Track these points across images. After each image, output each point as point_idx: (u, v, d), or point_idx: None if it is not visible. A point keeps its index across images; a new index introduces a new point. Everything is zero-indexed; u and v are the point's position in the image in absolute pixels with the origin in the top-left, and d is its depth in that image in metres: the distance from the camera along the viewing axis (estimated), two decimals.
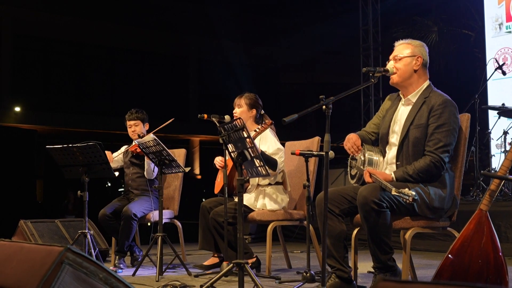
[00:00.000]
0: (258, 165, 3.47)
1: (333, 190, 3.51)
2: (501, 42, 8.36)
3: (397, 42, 3.66)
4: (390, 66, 3.56)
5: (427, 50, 3.62)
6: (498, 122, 7.16)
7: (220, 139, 3.67)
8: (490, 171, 6.92)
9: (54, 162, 4.73)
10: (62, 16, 16.04)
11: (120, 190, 14.92)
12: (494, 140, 7.49)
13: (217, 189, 4.71)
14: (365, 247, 4.77)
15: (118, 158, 5.41)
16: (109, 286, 1.92)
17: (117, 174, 5.72)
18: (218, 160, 4.67)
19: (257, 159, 3.44)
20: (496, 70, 7.24)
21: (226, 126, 3.50)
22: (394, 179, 3.36)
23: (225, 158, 4.34)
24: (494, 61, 7.39)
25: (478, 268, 2.74)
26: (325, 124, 3.09)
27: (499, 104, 6.85)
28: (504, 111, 6.79)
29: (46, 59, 16.59)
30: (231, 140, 3.50)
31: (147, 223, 5.34)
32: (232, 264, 3.43)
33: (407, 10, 11.70)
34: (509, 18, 8.33)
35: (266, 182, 4.57)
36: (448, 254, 2.84)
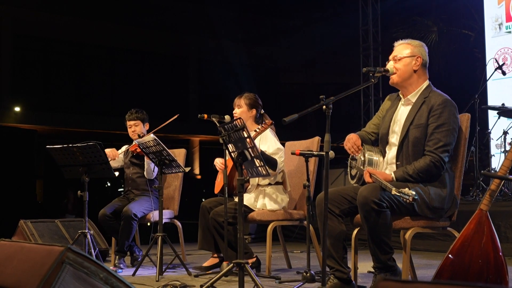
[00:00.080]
0: (258, 165, 3.47)
1: (333, 190, 3.51)
2: (501, 42, 8.37)
3: (396, 42, 3.66)
4: (390, 66, 3.56)
5: (427, 50, 3.62)
6: (498, 122, 7.16)
7: (220, 139, 3.67)
8: (490, 171, 6.92)
9: (54, 162, 4.73)
10: (62, 16, 16.03)
11: (119, 190, 14.90)
12: (494, 140, 7.49)
13: (217, 189, 4.71)
14: (365, 247, 4.77)
15: (119, 158, 5.41)
16: (109, 286, 1.92)
17: (117, 174, 5.72)
18: (219, 162, 4.67)
19: (257, 159, 3.44)
20: (496, 70, 7.24)
21: (226, 126, 3.50)
22: (394, 179, 3.36)
23: (225, 158, 4.33)
24: (494, 61, 7.39)
25: (478, 268, 2.75)
26: (325, 124, 3.10)
27: (499, 104, 6.85)
28: (504, 111, 6.80)
29: (46, 59, 16.58)
30: (231, 140, 3.50)
31: (147, 223, 5.34)
32: (232, 264, 3.44)
33: (407, 10, 11.70)
34: (509, 18, 8.34)
35: (266, 182, 4.57)
36: (448, 254, 2.84)
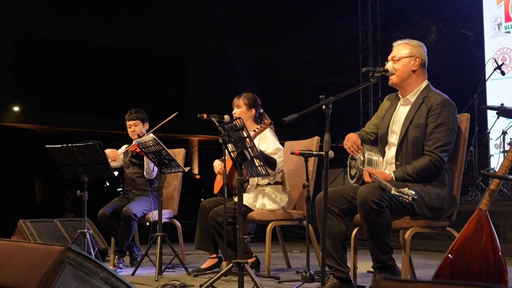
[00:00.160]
0: (257, 164, 3.47)
1: (332, 190, 3.51)
2: (500, 42, 8.37)
3: (395, 43, 3.66)
4: (389, 66, 3.56)
5: (426, 50, 3.61)
6: (497, 122, 7.16)
7: (219, 139, 3.67)
8: (488, 171, 6.92)
9: (53, 162, 4.73)
10: (61, 16, 16.01)
11: (118, 190, 14.89)
12: (493, 140, 7.50)
13: (216, 189, 4.70)
14: (364, 247, 4.77)
15: (119, 158, 5.41)
16: (109, 286, 1.91)
17: (116, 173, 5.72)
18: (217, 167, 4.67)
19: (256, 159, 3.44)
20: (495, 70, 7.24)
21: (225, 126, 3.50)
22: (394, 179, 3.36)
23: (224, 158, 4.33)
24: (493, 61, 7.39)
25: (478, 267, 2.75)
26: (324, 124, 3.10)
27: (498, 104, 6.85)
28: (503, 111, 6.80)
29: (45, 59, 16.56)
30: (231, 139, 3.50)
31: (146, 223, 5.34)
32: (232, 263, 3.44)
33: (406, 10, 11.71)
34: (508, 18, 8.34)
35: (266, 182, 4.57)
36: (448, 254, 2.84)
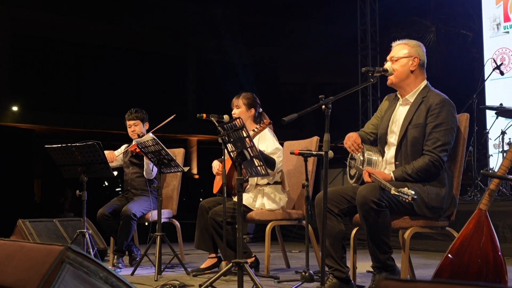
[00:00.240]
0: (257, 164, 3.47)
1: (332, 190, 3.51)
2: (499, 42, 8.38)
3: (394, 43, 3.66)
4: (388, 66, 3.56)
5: (424, 50, 3.62)
6: (496, 122, 7.17)
7: (219, 139, 3.67)
8: (488, 171, 6.93)
9: (52, 162, 4.72)
10: (60, 15, 15.99)
11: (117, 190, 14.88)
12: (492, 140, 7.50)
13: (215, 188, 4.70)
14: (363, 247, 4.78)
15: (118, 158, 5.41)
16: (109, 285, 1.91)
17: (115, 173, 5.71)
18: (216, 167, 4.67)
19: (256, 159, 3.44)
20: (494, 70, 7.25)
21: (225, 126, 3.50)
22: (393, 179, 3.36)
23: (223, 157, 4.33)
24: (492, 61, 7.40)
25: (477, 267, 2.75)
26: (323, 123, 3.10)
27: (497, 104, 6.86)
28: (502, 111, 6.81)
29: (45, 59, 16.53)
30: (230, 139, 3.50)
31: (144, 223, 5.34)
32: (231, 263, 3.44)
33: (405, 10, 11.70)
34: (507, 18, 8.35)
35: (265, 181, 4.57)
36: (447, 254, 2.84)
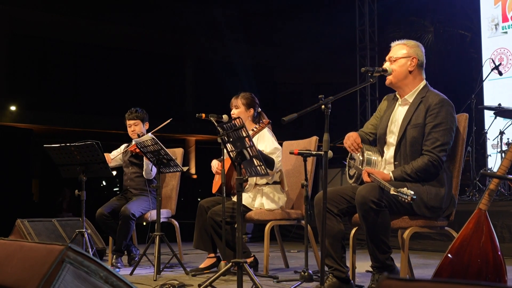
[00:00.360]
0: (257, 164, 3.47)
1: (331, 189, 3.51)
2: (497, 43, 8.40)
3: (393, 43, 3.66)
4: (387, 66, 3.56)
5: (423, 51, 3.62)
6: (494, 122, 7.18)
7: (218, 139, 3.67)
8: (486, 171, 6.94)
9: (50, 162, 4.71)
10: (59, 15, 15.97)
11: (115, 189, 14.86)
12: (490, 140, 7.51)
13: (215, 188, 4.70)
14: (363, 247, 4.77)
15: (117, 157, 5.40)
16: (110, 285, 1.91)
17: (114, 173, 5.71)
18: (215, 166, 4.66)
19: (255, 159, 3.44)
20: (492, 70, 7.26)
21: (225, 126, 3.50)
22: (392, 179, 3.36)
23: (223, 157, 4.33)
24: (491, 61, 7.41)
25: (477, 267, 2.75)
26: (321, 123, 3.10)
27: (496, 104, 6.87)
28: (500, 111, 6.82)
29: (43, 58, 16.51)
30: (230, 139, 3.50)
31: (143, 223, 5.33)
32: (231, 263, 3.43)
33: (404, 10, 11.71)
34: (505, 19, 8.36)
35: (264, 181, 4.57)
36: (447, 254, 2.84)
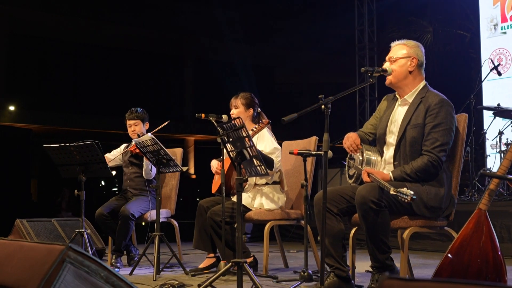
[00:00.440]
0: (256, 164, 3.46)
1: (331, 189, 3.51)
2: (496, 43, 8.40)
3: (393, 43, 3.66)
4: (387, 66, 3.57)
5: (423, 51, 3.62)
6: (493, 123, 7.18)
7: (218, 139, 3.66)
8: (485, 171, 6.94)
9: (49, 162, 4.70)
10: (58, 15, 15.96)
11: (114, 189, 14.84)
12: (489, 140, 7.52)
13: (214, 188, 4.70)
14: (362, 247, 4.78)
15: (117, 157, 5.40)
16: (110, 285, 1.91)
17: (114, 173, 5.70)
18: (215, 166, 4.66)
19: (255, 159, 3.44)
20: (491, 70, 7.26)
21: (225, 126, 3.50)
22: (392, 179, 3.36)
23: (222, 157, 4.33)
24: (490, 61, 7.42)
25: (477, 267, 2.75)
26: (320, 123, 3.10)
27: (495, 104, 6.87)
28: (499, 112, 6.82)
29: (42, 58, 16.49)
30: (230, 139, 3.50)
31: (142, 223, 5.32)
32: (231, 263, 3.43)
33: (403, 10, 11.71)
34: (504, 19, 8.37)
35: (263, 181, 4.56)
36: (447, 253, 2.85)
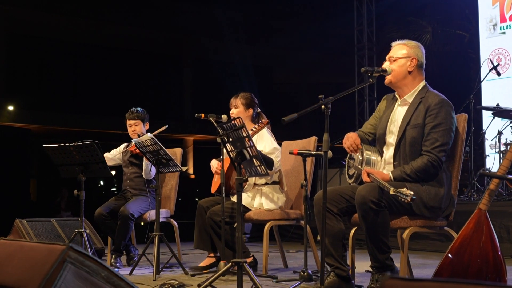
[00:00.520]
0: (256, 164, 3.46)
1: (331, 189, 3.51)
2: (495, 43, 8.41)
3: (394, 43, 3.67)
4: (386, 66, 3.57)
5: (424, 51, 3.62)
6: (493, 123, 7.19)
7: (218, 139, 3.66)
8: (485, 171, 6.95)
9: (48, 161, 4.70)
10: (57, 15, 15.95)
11: (112, 189, 14.83)
12: (488, 140, 7.52)
13: (214, 188, 4.70)
14: (362, 247, 4.78)
15: (116, 157, 5.40)
16: (111, 285, 1.91)
17: (114, 173, 5.70)
18: (214, 166, 4.66)
19: (255, 159, 3.44)
20: (490, 70, 7.27)
21: (224, 126, 3.50)
22: (392, 179, 3.36)
23: (222, 157, 4.33)
24: (489, 61, 7.42)
25: (477, 267, 2.75)
26: (319, 124, 3.10)
27: (494, 104, 6.88)
28: (498, 112, 6.82)
29: (41, 58, 16.48)
30: (230, 139, 3.50)
31: (141, 223, 5.32)
32: (231, 263, 3.43)
33: (402, 10, 11.71)
34: (503, 19, 8.38)
35: (263, 181, 4.57)
36: (447, 253, 2.85)
